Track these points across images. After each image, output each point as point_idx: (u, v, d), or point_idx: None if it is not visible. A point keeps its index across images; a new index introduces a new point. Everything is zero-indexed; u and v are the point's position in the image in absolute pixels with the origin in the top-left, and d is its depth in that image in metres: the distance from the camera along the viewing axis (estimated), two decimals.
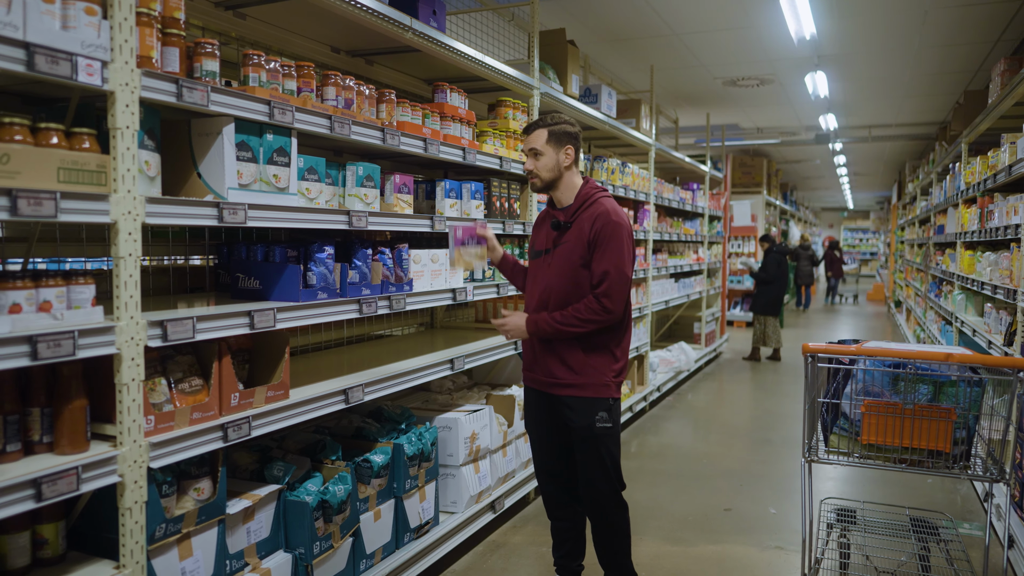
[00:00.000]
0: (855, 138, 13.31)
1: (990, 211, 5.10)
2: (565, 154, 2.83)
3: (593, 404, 2.79)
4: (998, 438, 2.65)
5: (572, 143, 2.85)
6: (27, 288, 1.80)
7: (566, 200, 2.88)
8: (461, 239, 3.01)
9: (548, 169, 2.83)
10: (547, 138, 2.81)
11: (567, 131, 2.84)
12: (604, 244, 2.71)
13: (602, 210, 2.76)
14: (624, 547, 2.94)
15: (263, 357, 2.62)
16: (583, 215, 2.79)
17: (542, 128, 2.83)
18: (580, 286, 2.76)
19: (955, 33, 7.16)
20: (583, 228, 2.76)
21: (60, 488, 1.81)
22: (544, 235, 2.91)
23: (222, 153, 2.33)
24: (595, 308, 2.71)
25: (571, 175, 2.88)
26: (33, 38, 1.74)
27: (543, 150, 2.82)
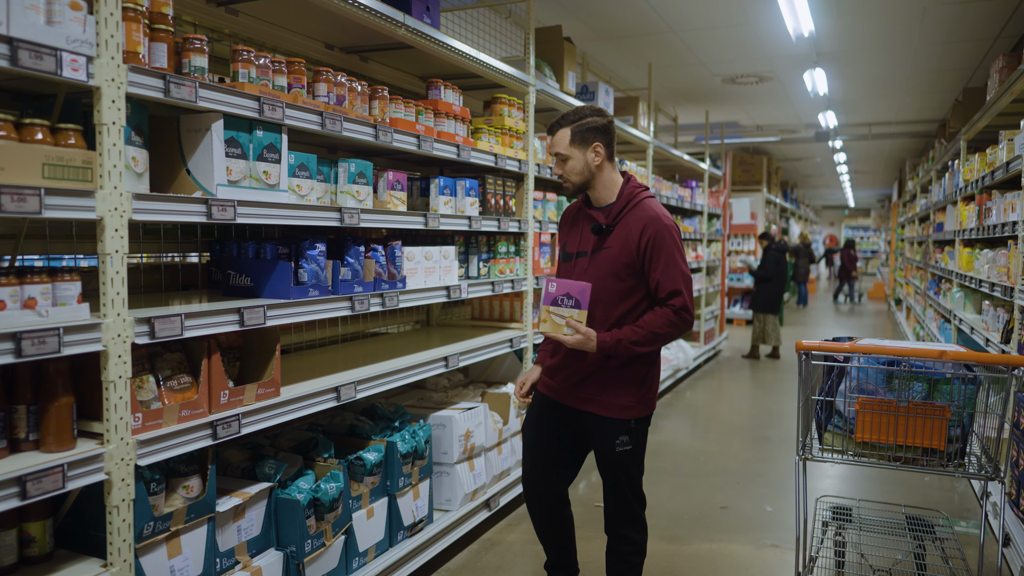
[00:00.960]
0: (855, 136, 13.29)
1: (988, 208, 5.08)
2: (594, 152, 2.58)
3: (614, 426, 2.60)
4: (993, 436, 2.64)
5: (601, 139, 2.58)
6: (11, 285, 1.79)
7: (605, 199, 2.64)
8: (555, 295, 2.51)
9: (577, 172, 2.60)
10: (571, 139, 2.57)
11: (593, 126, 2.57)
12: (661, 252, 2.49)
13: (652, 214, 2.54)
14: (639, 562, 2.76)
15: (254, 355, 2.60)
16: (627, 218, 2.56)
17: (564, 128, 2.58)
18: (624, 294, 2.55)
19: (954, 30, 7.14)
20: (630, 233, 2.53)
21: (45, 486, 1.80)
22: (580, 236, 2.68)
23: (211, 149, 2.31)
24: (673, 320, 2.49)
25: (607, 173, 2.63)
26: (17, 33, 1.73)
27: (568, 153, 2.58)
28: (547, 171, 4.55)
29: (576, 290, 2.49)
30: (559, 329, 2.50)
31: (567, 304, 2.49)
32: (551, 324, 2.50)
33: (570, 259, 2.69)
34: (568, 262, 2.69)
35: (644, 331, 2.50)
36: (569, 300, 2.49)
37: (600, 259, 2.58)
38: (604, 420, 2.62)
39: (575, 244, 2.69)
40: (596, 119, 2.59)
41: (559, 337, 2.51)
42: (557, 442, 2.76)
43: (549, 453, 2.77)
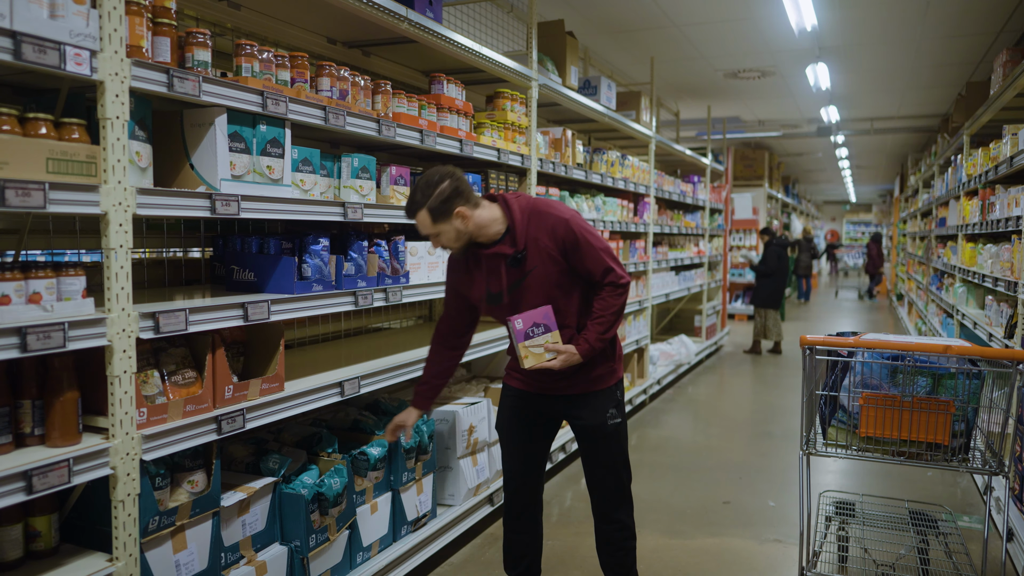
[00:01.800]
0: (857, 131, 13.26)
1: (991, 203, 5.07)
2: (459, 218, 2.43)
3: (603, 397, 2.66)
4: (997, 431, 2.64)
5: (458, 201, 2.42)
6: (16, 279, 1.79)
7: (495, 233, 2.52)
8: (524, 330, 2.49)
9: (455, 239, 2.47)
10: (432, 219, 2.42)
11: (444, 197, 2.40)
12: (578, 244, 2.50)
13: (551, 219, 2.50)
14: (632, 547, 2.78)
15: (258, 350, 2.61)
16: (533, 233, 2.50)
17: (421, 211, 2.41)
18: (569, 294, 2.57)
19: (957, 24, 7.12)
20: (544, 246, 2.50)
21: (51, 481, 1.81)
22: (491, 276, 2.57)
23: (215, 144, 2.31)
24: (618, 293, 2.55)
25: (482, 217, 2.48)
26: (20, 27, 1.73)
27: (437, 230, 2.44)
28: (550, 166, 4.54)
29: (540, 316, 2.50)
30: (542, 359, 2.51)
31: (538, 333, 2.51)
32: (533, 358, 2.51)
33: (497, 299, 2.59)
34: (498, 302, 2.60)
35: (605, 317, 2.55)
36: (538, 328, 2.51)
37: (531, 283, 2.53)
38: (590, 395, 2.65)
39: (493, 285, 2.58)
40: (444, 186, 2.41)
41: (546, 366, 2.51)
42: (535, 428, 2.77)
43: (532, 439, 2.78)
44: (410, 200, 2.45)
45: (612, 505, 2.73)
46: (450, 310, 2.76)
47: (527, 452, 2.78)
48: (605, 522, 2.76)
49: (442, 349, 2.81)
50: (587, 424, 2.67)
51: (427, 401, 2.83)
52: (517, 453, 2.78)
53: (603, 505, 2.74)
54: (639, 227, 6.36)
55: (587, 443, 2.72)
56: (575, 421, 2.71)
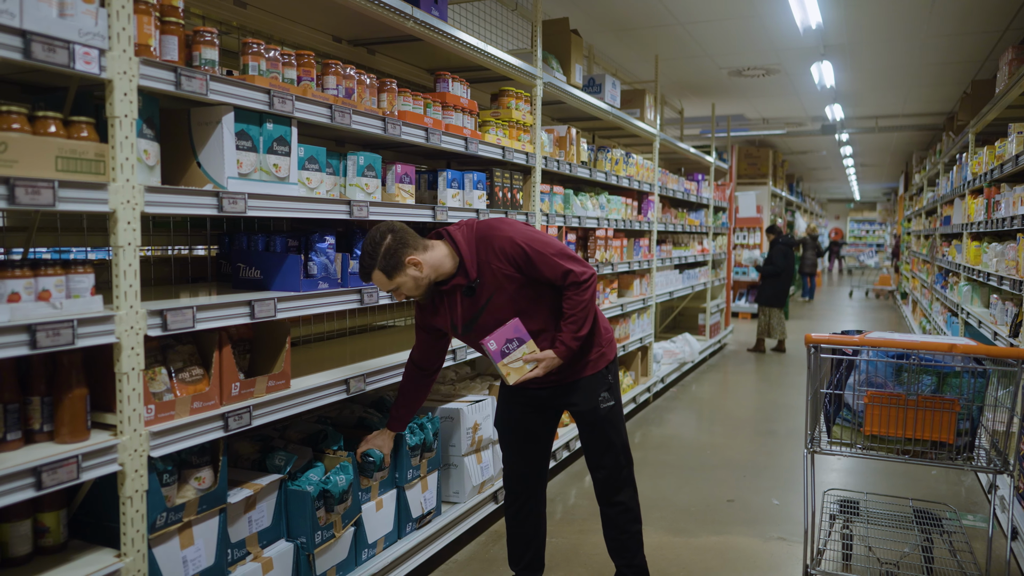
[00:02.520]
0: (861, 129, 13.23)
1: (996, 202, 5.06)
2: (413, 267, 2.45)
3: (594, 381, 2.72)
4: (1002, 429, 2.64)
5: (406, 252, 2.44)
6: (26, 277, 1.80)
7: (449, 270, 2.55)
8: (499, 349, 2.54)
9: (415, 288, 2.50)
10: (388, 276, 2.44)
11: (392, 250, 2.42)
12: (529, 256, 2.51)
13: (496, 242, 2.52)
14: (637, 530, 2.84)
15: (264, 347, 2.62)
16: (483, 259, 2.53)
17: (375, 271, 2.44)
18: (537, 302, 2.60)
19: (963, 22, 7.10)
20: (497, 269, 2.52)
21: (60, 477, 1.82)
22: (456, 309, 2.61)
23: (221, 142, 2.32)
24: (582, 290, 2.56)
25: (433, 258, 2.50)
26: (30, 26, 1.73)
27: (394, 284, 2.47)
28: (554, 164, 4.55)
29: (511, 331, 2.55)
30: (523, 371, 2.58)
31: (513, 348, 2.55)
32: (515, 373, 2.56)
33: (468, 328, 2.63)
34: (468, 332, 2.64)
35: (575, 315, 2.58)
36: (512, 343, 2.55)
37: (495, 307, 2.56)
38: (582, 380, 2.71)
39: (459, 315, 2.62)
40: (387, 242, 2.42)
41: (529, 376, 2.58)
42: (536, 422, 2.82)
43: (532, 434, 2.83)
44: (361, 266, 2.47)
45: (613, 488, 2.78)
46: (420, 342, 2.82)
47: (526, 447, 2.84)
48: (608, 505, 2.83)
49: (416, 375, 2.87)
50: (581, 409, 2.74)
51: (403, 424, 2.92)
52: (516, 448, 2.85)
53: (604, 488, 2.81)
54: (643, 225, 6.36)
55: (584, 427, 2.79)
56: (571, 408, 2.77)
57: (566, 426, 4.83)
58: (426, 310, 2.72)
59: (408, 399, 2.88)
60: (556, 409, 2.85)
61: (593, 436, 2.77)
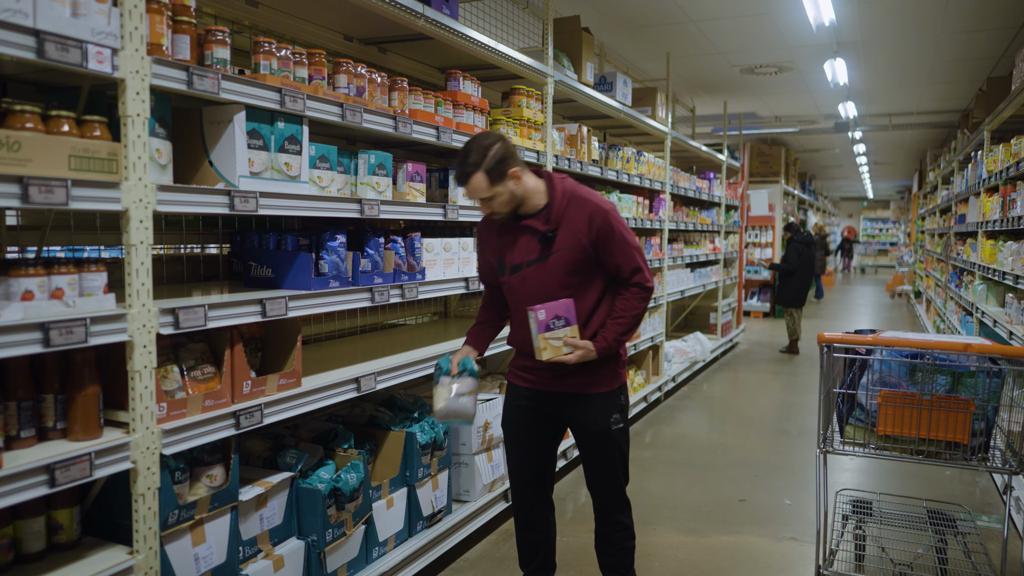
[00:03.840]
0: (875, 126, 13.14)
1: (1012, 200, 5.01)
2: (514, 180, 2.45)
3: (607, 401, 2.64)
4: (1018, 430, 2.61)
5: (512, 162, 2.44)
6: (39, 275, 1.81)
7: (534, 206, 2.55)
8: (545, 321, 2.47)
9: (506, 203, 2.49)
10: (489, 181, 2.42)
11: (500, 157, 2.42)
12: (612, 236, 2.50)
13: (592, 205, 2.51)
14: (631, 547, 2.78)
15: (275, 345, 2.62)
16: (569, 215, 2.51)
17: (477, 173, 2.41)
18: (585, 287, 2.55)
19: (978, 18, 7.03)
20: (577, 230, 2.50)
21: (73, 474, 1.83)
22: (516, 247, 2.58)
23: (233, 141, 2.33)
24: (643, 296, 2.54)
25: (527, 184, 2.52)
26: (43, 25, 1.74)
27: (492, 193, 2.44)
28: (565, 162, 4.54)
29: (562, 309, 2.48)
30: (559, 351, 2.49)
31: (558, 326, 2.48)
32: (551, 350, 2.48)
33: (515, 271, 2.59)
34: (514, 274, 2.60)
35: (626, 318, 2.54)
36: (559, 321, 2.48)
37: (552, 264, 2.53)
38: (594, 398, 2.63)
39: (514, 256, 2.58)
40: (497, 148, 2.43)
41: (562, 359, 2.49)
42: (542, 429, 2.75)
43: (538, 439, 2.76)
44: (462, 164, 2.42)
45: (612, 507, 2.73)
46: (487, 285, 2.81)
47: (531, 450, 2.77)
48: (606, 524, 2.76)
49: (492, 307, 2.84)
50: (590, 428, 2.66)
51: (477, 340, 2.83)
52: (522, 451, 2.78)
53: (604, 507, 2.75)
54: (654, 224, 6.34)
55: (588, 446, 2.71)
56: (578, 424, 2.69)
57: None
58: (487, 240, 2.69)
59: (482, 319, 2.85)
60: (561, 423, 2.76)
61: (598, 456, 2.69)
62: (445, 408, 2.61)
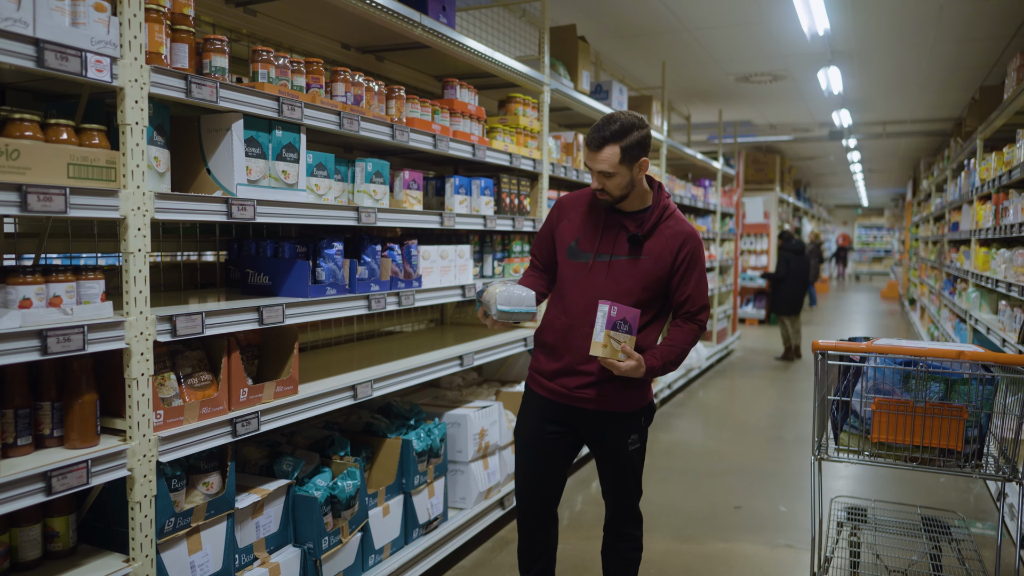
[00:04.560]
0: (869, 134, 13.21)
1: (1005, 208, 5.04)
2: (640, 168, 2.39)
3: (627, 421, 2.54)
4: (1011, 437, 2.63)
5: (645, 153, 2.38)
6: (37, 283, 1.82)
7: (636, 205, 2.50)
8: (615, 319, 2.33)
9: (622, 188, 2.41)
10: (621, 158, 2.33)
11: (641, 142, 2.35)
12: (695, 268, 2.48)
13: (688, 229, 2.49)
14: (637, 559, 2.74)
15: (272, 353, 2.63)
16: (663, 230, 2.46)
17: (613, 145, 2.32)
18: (648, 306, 2.49)
19: (971, 28, 7.09)
20: (667, 246, 2.45)
21: (70, 482, 1.83)
22: (601, 236, 2.49)
23: (231, 149, 2.33)
24: (698, 334, 2.52)
25: (642, 181, 2.48)
26: (43, 34, 1.75)
27: (615, 171, 2.35)
28: (561, 171, 4.55)
29: (631, 316, 2.36)
30: (615, 355, 2.35)
31: (622, 329, 2.35)
32: (606, 351, 2.34)
33: (582, 257, 2.49)
34: (581, 261, 2.49)
35: (679, 349, 2.49)
36: (624, 325, 2.35)
37: (630, 269, 2.44)
38: (618, 416, 2.53)
39: (591, 244, 2.49)
40: (641, 132, 2.35)
41: (613, 363, 2.36)
42: (556, 448, 2.63)
43: (550, 458, 2.65)
44: (603, 128, 2.34)
45: (623, 521, 2.70)
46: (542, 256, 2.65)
47: (543, 464, 2.66)
48: (615, 536, 2.71)
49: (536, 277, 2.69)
50: (609, 447, 2.58)
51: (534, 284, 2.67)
52: (531, 463, 2.67)
53: (615, 521, 2.70)
54: None
55: (605, 463, 2.65)
56: (593, 441, 2.60)
57: None
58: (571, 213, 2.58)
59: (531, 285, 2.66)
60: (578, 438, 2.66)
61: (614, 473, 2.64)
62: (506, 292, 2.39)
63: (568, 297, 2.52)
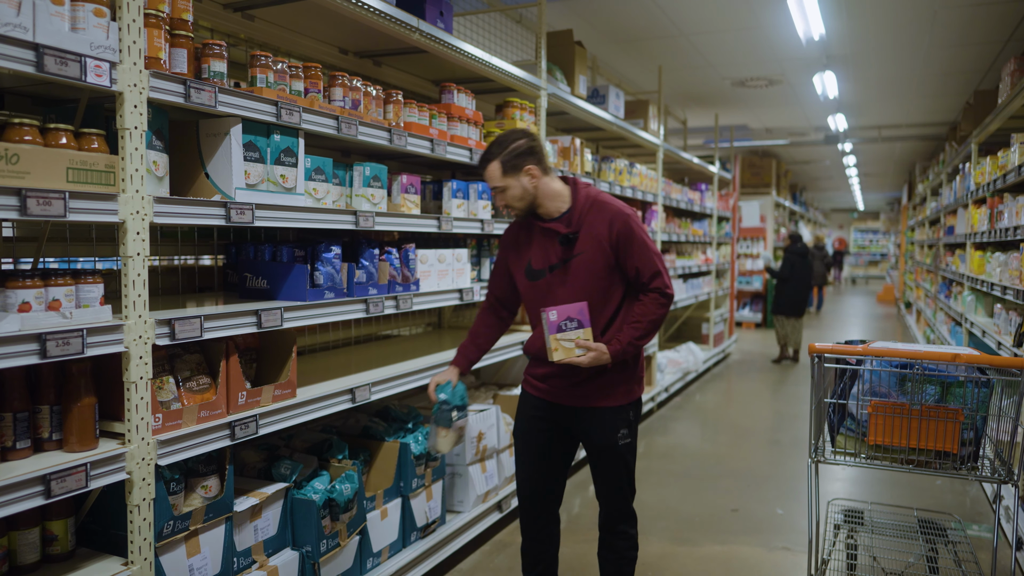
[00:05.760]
0: (865, 139, 13.25)
1: (1000, 211, 5.07)
2: (528, 176, 2.52)
3: (616, 415, 2.62)
4: (1006, 439, 2.64)
5: (531, 160, 2.52)
6: (36, 287, 1.82)
7: (556, 209, 2.59)
8: (557, 322, 2.47)
9: (519, 198, 2.55)
10: (502, 171, 2.51)
11: (519, 152, 2.51)
12: (632, 241, 2.52)
13: (613, 209, 2.55)
14: (633, 557, 2.78)
15: (270, 356, 2.63)
16: (590, 219, 2.55)
17: (493, 161, 2.52)
18: (607, 293, 2.57)
19: (965, 33, 7.13)
20: (599, 233, 2.53)
21: (69, 485, 1.83)
22: (541, 250, 2.60)
23: (230, 153, 2.34)
24: (662, 302, 2.54)
25: (548, 186, 2.57)
26: (42, 39, 1.76)
27: (504, 184, 2.52)
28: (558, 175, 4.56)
29: (575, 311, 2.48)
30: (571, 353, 2.48)
31: (571, 327, 2.48)
32: (563, 351, 2.48)
33: (538, 276, 2.61)
34: (537, 279, 2.61)
35: (644, 323, 2.54)
36: (571, 323, 2.48)
37: (575, 266, 2.55)
38: (605, 411, 2.61)
39: (538, 260, 2.61)
40: (520, 143, 2.52)
41: (574, 360, 2.48)
42: (551, 443, 2.72)
43: (546, 454, 2.74)
44: (484, 153, 2.55)
45: (617, 518, 2.73)
46: (494, 289, 2.80)
47: (541, 461, 2.74)
48: (610, 533, 2.76)
49: (488, 316, 2.83)
50: (596, 442, 2.65)
51: (466, 360, 2.81)
52: (531, 461, 2.75)
53: (609, 518, 2.75)
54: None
55: (595, 458, 2.70)
56: (586, 437, 2.68)
57: None
58: (510, 244, 2.71)
59: (473, 335, 2.82)
60: (572, 436, 2.75)
61: (605, 469, 2.69)
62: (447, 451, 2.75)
63: (535, 316, 2.64)
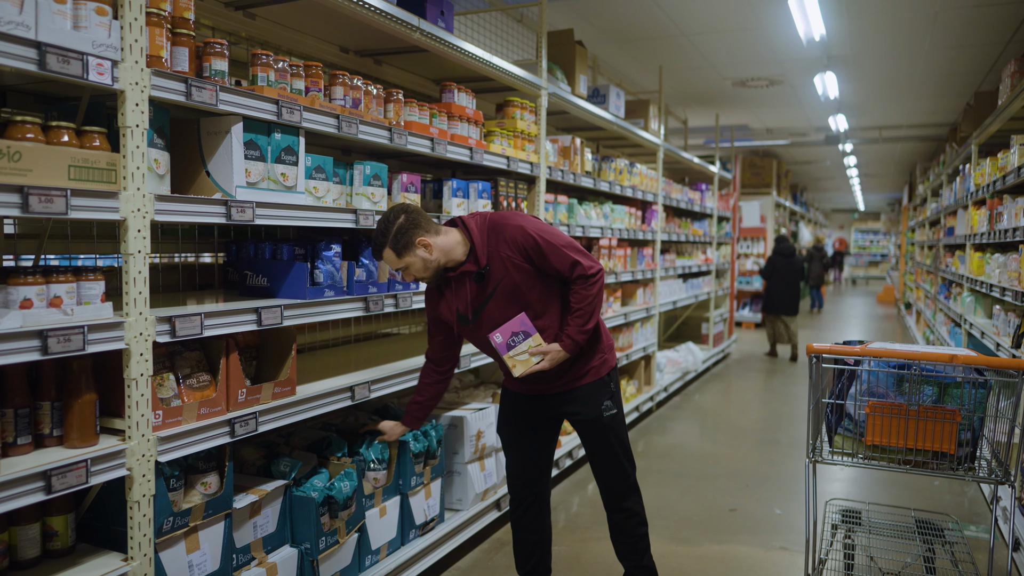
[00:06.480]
0: (865, 139, 13.26)
1: (999, 213, 5.07)
2: (423, 248, 2.49)
3: (595, 388, 2.72)
4: (1004, 440, 2.65)
5: (417, 232, 2.48)
6: (38, 284, 1.83)
7: (460, 255, 2.57)
8: (504, 343, 2.55)
9: (423, 269, 2.53)
10: (397, 255, 2.49)
11: (402, 230, 2.47)
12: (540, 247, 2.53)
13: (508, 230, 2.55)
14: (643, 533, 2.88)
15: (270, 354, 2.64)
16: (494, 247, 2.55)
17: (386, 249, 2.50)
18: (548, 295, 2.62)
19: (965, 34, 7.13)
20: (507, 255, 2.54)
21: (69, 481, 1.84)
22: (465, 296, 2.61)
23: (230, 152, 2.35)
24: (590, 283, 2.57)
25: (443, 243, 2.54)
26: (45, 38, 1.77)
27: (405, 264, 2.51)
28: (558, 174, 4.58)
29: (517, 325, 2.56)
30: (529, 363, 2.58)
31: (519, 341, 2.56)
32: (520, 365, 2.57)
33: (471, 319, 2.63)
34: (472, 321, 2.64)
35: (583, 308, 2.59)
36: (518, 337, 2.56)
37: (499, 294, 2.57)
38: (585, 388, 2.71)
39: (464, 305, 2.62)
40: (400, 221, 2.48)
41: (535, 369, 2.58)
42: (534, 434, 2.84)
43: (532, 438, 2.85)
44: (374, 243, 2.53)
45: (618, 494, 2.82)
46: (433, 338, 2.84)
47: (528, 452, 2.86)
48: (615, 512, 2.86)
49: (431, 373, 2.89)
50: (584, 418, 2.74)
51: (416, 421, 2.93)
52: (518, 454, 2.87)
53: (610, 495, 2.84)
54: (647, 235, 6.38)
55: (587, 436, 2.80)
56: (572, 417, 2.77)
57: (568, 434, 4.84)
58: (433, 297, 2.73)
59: (422, 396, 2.89)
60: (557, 417, 2.87)
61: (597, 444, 2.78)
62: None
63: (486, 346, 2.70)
